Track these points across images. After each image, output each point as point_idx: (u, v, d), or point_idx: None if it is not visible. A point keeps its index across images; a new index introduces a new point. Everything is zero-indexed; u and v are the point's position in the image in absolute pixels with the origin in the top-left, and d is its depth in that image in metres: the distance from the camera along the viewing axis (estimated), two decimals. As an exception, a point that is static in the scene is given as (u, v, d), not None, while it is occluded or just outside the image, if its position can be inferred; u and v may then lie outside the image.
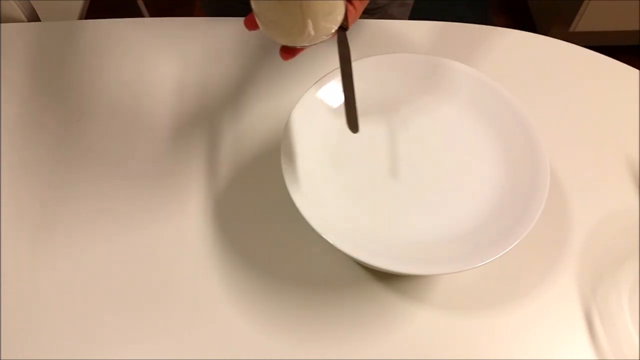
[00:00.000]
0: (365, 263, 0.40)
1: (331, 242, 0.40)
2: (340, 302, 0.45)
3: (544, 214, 0.41)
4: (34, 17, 0.70)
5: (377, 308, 0.44)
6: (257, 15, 0.39)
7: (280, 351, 0.43)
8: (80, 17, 1.01)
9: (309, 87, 0.49)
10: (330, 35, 0.40)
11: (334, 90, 0.50)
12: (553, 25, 1.52)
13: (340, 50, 0.42)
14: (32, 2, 0.70)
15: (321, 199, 0.44)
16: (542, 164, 0.44)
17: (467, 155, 0.48)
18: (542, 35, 0.62)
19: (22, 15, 0.67)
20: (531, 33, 0.62)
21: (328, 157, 0.47)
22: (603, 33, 1.48)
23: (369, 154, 0.48)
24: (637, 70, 0.59)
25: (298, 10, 0.37)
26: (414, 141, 0.48)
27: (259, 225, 0.48)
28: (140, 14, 1.35)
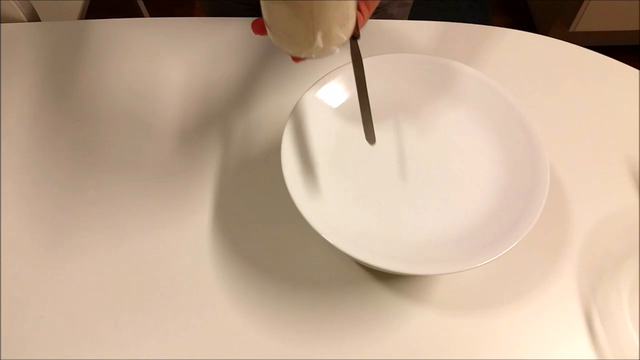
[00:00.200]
0: (365, 263, 0.40)
1: (331, 242, 0.40)
2: (340, 302, 0.45)
3: (544, 214, 0.41)
4: (34, 17, 0.70)
5: (377, 308, 0.44)
6: (269, 26, 0.38)
7: (280, 351, 0.43)
8: (80, 17, 1.01)
9: (309, 87, 0.49)
10: (342, 45, 0.39)
11: (334, 90, 0.50)
12: (553, 25, 1.52)
13: (354, 61, 0.42)
14: (32, 2, 0.70)
15: (321, 199, 0.44)
16: (542, 164, 0.44)
17: (467, 155, 0.48)
18: (542, 35, 0.62)
19: (22, 15, 0.67)
20: (531, 33, 0.62)
21: (328, 158, 0.47)
22: (603, 33, 1.48)
23: (369, 154, 0.48)
24: (637, 70, 0.59)
25: (310, 22, 0.36)
26: (414, 141, 0.48)
27: (259, 225, 0.49)
28: (140, 14, 1.35)
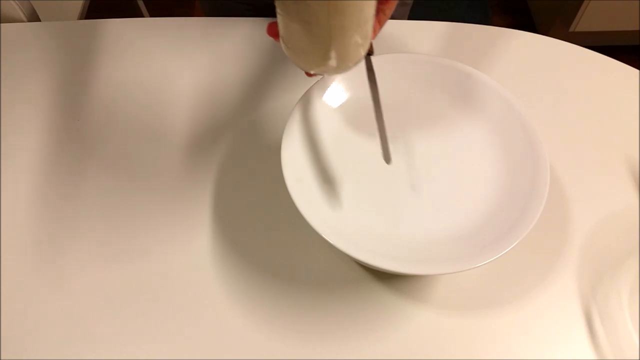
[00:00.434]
0: (365, 263, 0.40)
1: (331, 242, 0.40)
2: (340, 302, 0.45)
3: (544, 214, 0.41)
4: (34, 17, 0.70)
5: (377, 308, 0.44)
6: (284, 40, 0.37)
7: (280, 351, 0.43)
8: (80, 17, 1.01)
9: (309, 87, 0.49)
10: (358, 62, 0.38)
11: (335, 90, 0.50)
12: (553, 25, 1.52)
13: (370, 78, 0.42)
14: (32, 2, 0.70)
15: (321, 199, 0.44)
16: (542, 164, 0.44)
17: (467, 155, 0.48)
18: (542, 35, 0.62)
19: (22, 15, 0.67)
20: (531, 33, 0.62)
21: (328, 158, 0.47)
22: (603, 33, 1.48)
23: (368, 155, 0.48)
24: (637, 70, 0.59)
25: (328, 41, 0.35)
26: (413, 141, 0.48)
27: (259, 225, 0.48)
28: (140, 14, 1.35)
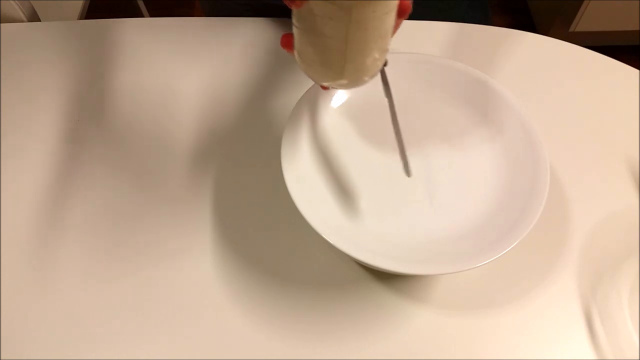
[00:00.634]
0: (365, 263, 0.40)
1: (331, 242, 0.40)
2: (340, 302, 0.45)
3: (544, 214, 0.41)
4: (34, 17, 0.70)
5: (377, 308, 0.44)
6: (299, 53, 0.37)
7: (280, 351, 0.43)
8: (80, 17, 1.01)
9: (309, 87, 0.49)
10: (374, 76, 0.38)
11: (334, 90, 0.50)
12: (553, 25, 1.52)
13: (385, 90, 0.42)
14: (32, 2, 0.70)
15: (322, 199, 0.44)
16: (542, 164, 0.44)
17: (467, 155, 0.48)
18: (542, 35, 0.62)
19: (22, 15, 0.67)
20: (531, 33, 0.62)
21: (328, 158, 0.47)
22: (603, 33, 1.48)
23: (368, 155, 0.48)
24: (637, 70, 0.59)
25: (345, 54, 0.35)
26: (413, 141, 0.48)
27: (260, 225, 0.48)
28: (140, 14, 1.35)
